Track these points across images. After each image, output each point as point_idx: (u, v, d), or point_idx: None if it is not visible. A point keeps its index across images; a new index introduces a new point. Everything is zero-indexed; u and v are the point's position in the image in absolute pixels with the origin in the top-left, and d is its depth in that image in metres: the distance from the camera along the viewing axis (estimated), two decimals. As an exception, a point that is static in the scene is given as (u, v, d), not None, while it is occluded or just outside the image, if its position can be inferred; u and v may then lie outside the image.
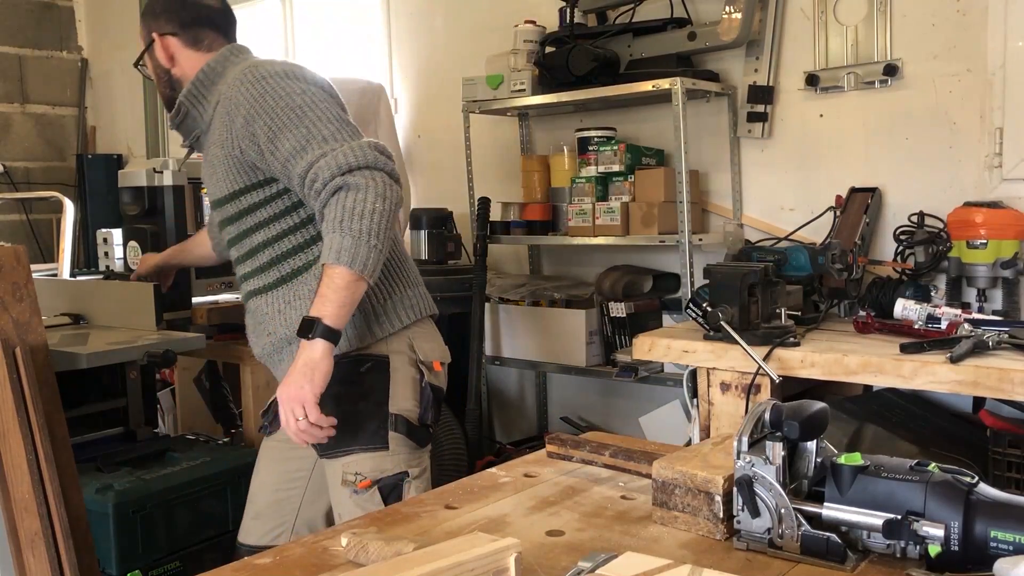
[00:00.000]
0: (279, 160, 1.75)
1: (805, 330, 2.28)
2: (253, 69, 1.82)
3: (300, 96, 1.77)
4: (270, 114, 1.75)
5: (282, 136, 1.74)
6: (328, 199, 1.68)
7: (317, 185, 1.69)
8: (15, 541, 1.83)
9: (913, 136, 2.72)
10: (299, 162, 1.72)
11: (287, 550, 1.09)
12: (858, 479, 0.95)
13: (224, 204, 1.91)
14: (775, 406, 1.00)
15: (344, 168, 1.68)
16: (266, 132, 1.75)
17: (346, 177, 1.67)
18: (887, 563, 0.95)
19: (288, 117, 1.75)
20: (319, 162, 1.69)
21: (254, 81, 1.79)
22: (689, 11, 3.04)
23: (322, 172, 1.68)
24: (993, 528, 0.88)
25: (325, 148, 1.71)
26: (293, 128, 1.74)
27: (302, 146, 1.73)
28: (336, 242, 1.64)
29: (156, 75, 2.00)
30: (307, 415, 1.67)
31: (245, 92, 1.79)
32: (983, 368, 1.85)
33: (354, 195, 1.66)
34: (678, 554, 1.00)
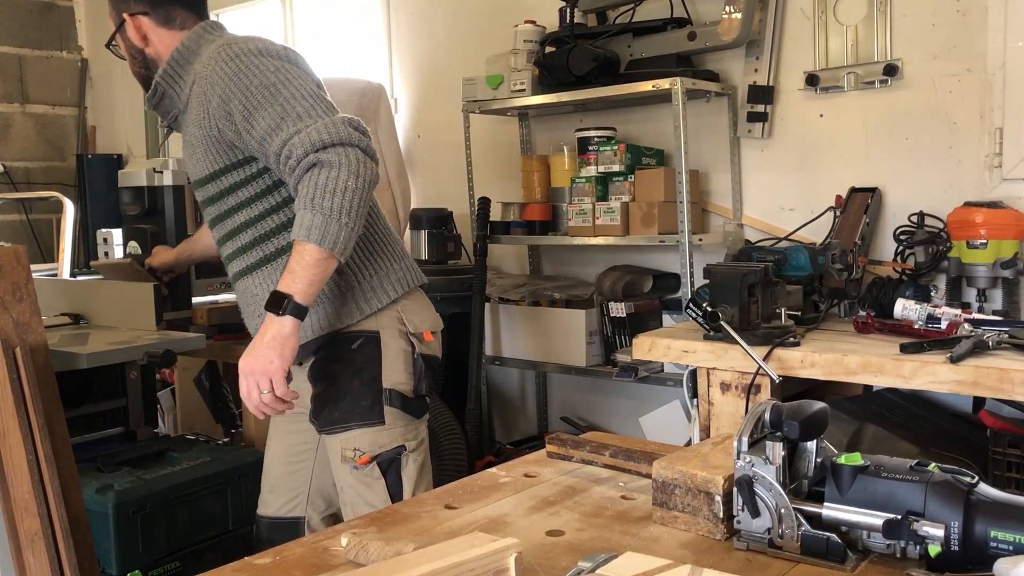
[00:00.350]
0: (255, 138, 1.75)
1: (805, 330, 2.28)
2: (227, 47, 1.81)
3: (274, 74, 1.76)
4: (245, 92, 1.75)
5: (257, 114, 1.73)
6: (302, 176, 1.68)
7: (291, 162, 1.69)
8: (15, 541, 1.83)
9: (913, 136, 2.72)
10: (274, 140, 1.72)
11: (287, 550, 1.09)
12: (858, 479, 0.95)
13: (205, 184, 1.90)
14: (775, 406, 1.00)
15: (318, 145, 1.67)
16: (241, 111, 1.75)
17: (319, 154, 1.67)
18: (887, 563, 0.95)
19: (263, 95, 1.74)
20: (293, 139, 1.69)
21: (228, 59, 1.78)
22: (689, 11, 3.04)
23: (296, 149, 1.68)
24: (993, 528, 0.88)
25: (299, 125, 1.70)
26: (268, 106, 1.73)
27: (276, 124, 1.72)
28: (307, 219, 1.64)
29: (130, 55, 1.99)
30: (273, 389, 1.69)
31: (220, 71, 1.78)
32: (983, 368, 1.85)
33: (327, 172, 1.66)
34: (678, 554, 1.00)
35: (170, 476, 2.35)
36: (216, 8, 4.88)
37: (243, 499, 2.47)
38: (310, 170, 1.68)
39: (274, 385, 1.69)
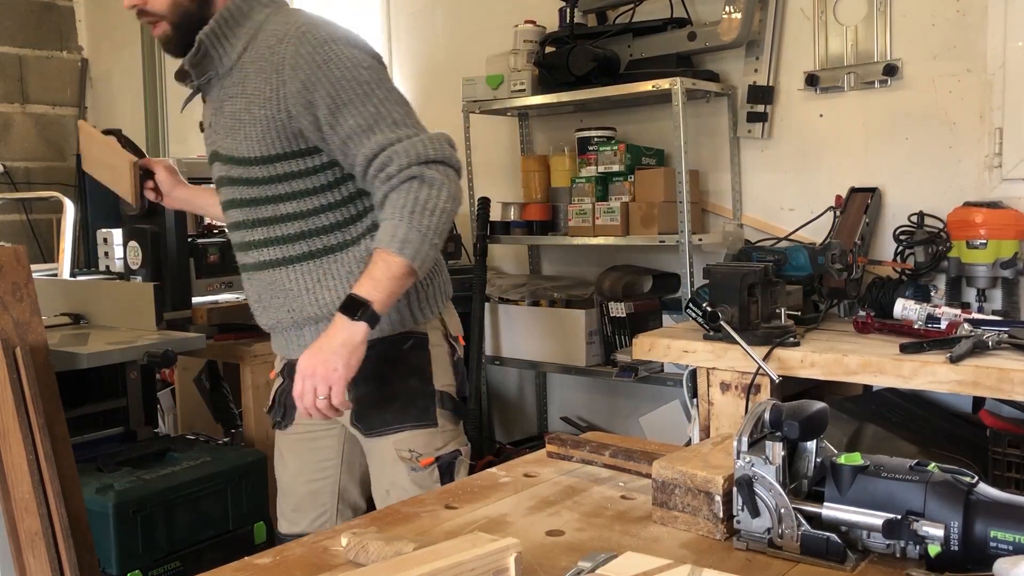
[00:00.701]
0: (338, 135, 1.66)
1: (805, 330, 2.28)
2: (314, 29, 1.68)
3: (367, 71, 1.67)
4: (334, 84, 1.64)
5: (346, 110, 1.64)
6: (399, 185, 1.62)
7: (390, 170, 1.62)
8: (15, 541, 1.83)
9: (913, 136, 2.72)
10: (365, 142, 1.64)
11: (287, 550, 1.09)
12: (858, 479, 0.95)
13: (249, 165, 1.76)
14: (775, 406, 1.00)
15: (423, 158, 1.62)
16: (328, 103, 1.64)
17: (423, 168, 1.62)
18: (887, 563, 0.95)
19: (355, 91, 1.65)
20: (395, 146, 1.62)
21: (318, 44, 1.66)
22: (689, 11, 3.04)
23: (398, 157, 1.62)
24: (993, 528, 0.88)
25: (399, 132, 1.64)
26: (360, 104, 1.65)
27: (369, 125, 1.64)
28: (402, 232, 1.59)
29: (173, 3, 1.74)
30: (331, 396, 1.60)
31: (306, 55, 1.65)
32: (983, 368, 1.85)
33: (428, 189, 1.61)
34: (678, 554, 1.00)
35: (170, 476, 2.35)
36: (216, 8, 4.88)
37: (243, 499, 2.48)
38: (409, 182, 1.62)
39: (332, 394, 1.60)
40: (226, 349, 2.90)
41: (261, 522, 2.54)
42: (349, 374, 1.60)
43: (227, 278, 2.98)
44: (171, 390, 3.59)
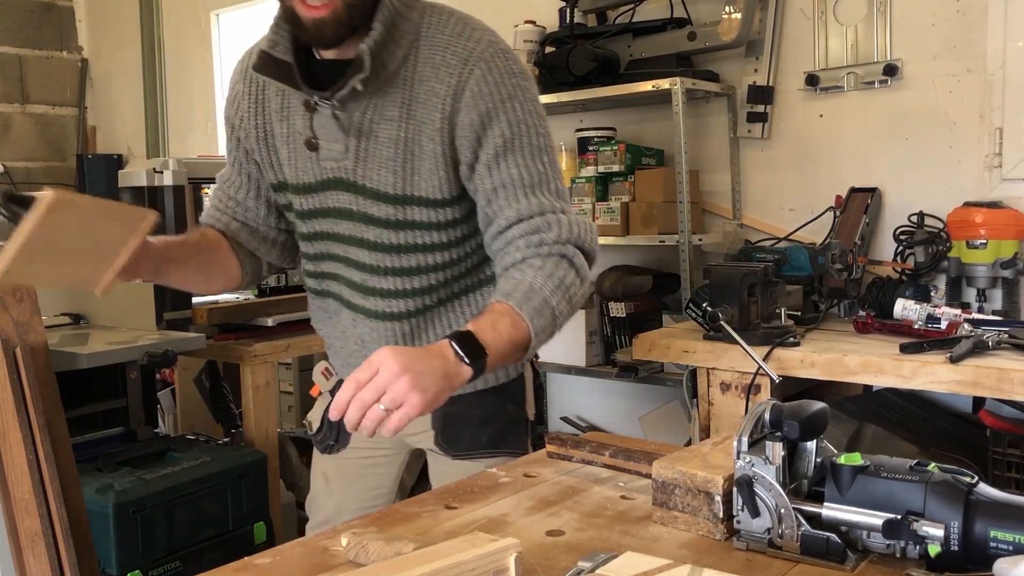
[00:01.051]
0: (492, 181, 1.42)
1: (805, 330, 2.29)
2: (504, 55, 1.44)
3: (542, 121, 1.46)
4: (512, 126, 1.42)
5: (513, 158, 1.42)
6: (548, 256, 1.40)
7: (545, 237, 1.40)
8: (15, 541, 1.83)
9: (913, 136, 2.72)
10: (522, 199, 1.41)
11: (287, 550, 1.09)
12: (858, 479, 0.95)
13: (406, 204, 1.46)
14: (775, 406, 1.00)
15: (576, 241, 1.42)
16: (497, 143, 1.41)
17: (576, 252, 1.42)
18: (887, 563, 0.95)
19: (530, 140, 1.43)
20: (556, 216, 1.42)
21: (507, 74, 1.42)
22: (689, 11, 3.04)
23: (557, 229, 1.40)
24: (993, 528, 0.88)
25: (558, 204, 1.44)
26: (530, 157, 1.43)
27: (533, 183, 1.42)
28: (538, 301, 1.35)
29: None
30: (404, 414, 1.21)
31: (492, 83, 1.41)
32: (983, 368, 1.85)
33: (574, 276, 1.41)
34: (678, 554, 1.00)
35: (170, 476, 2.35)
36: (216, 8, 4.89)
37: (243, 499, 2.48)
38: (559, 258, 1.40)
39: (397, 415, 1.20)
40: (226, 349, 2.90)
41: (261, 522, 2.54)
42: (427, 409, 1.24)
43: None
44: (171, 390, 3.59)
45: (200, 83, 5.00)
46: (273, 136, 1.53)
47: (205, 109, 4.99)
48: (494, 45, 1.44)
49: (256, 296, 3.05)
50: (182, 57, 5.05)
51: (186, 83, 5.07)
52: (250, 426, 2.83)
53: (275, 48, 1.42)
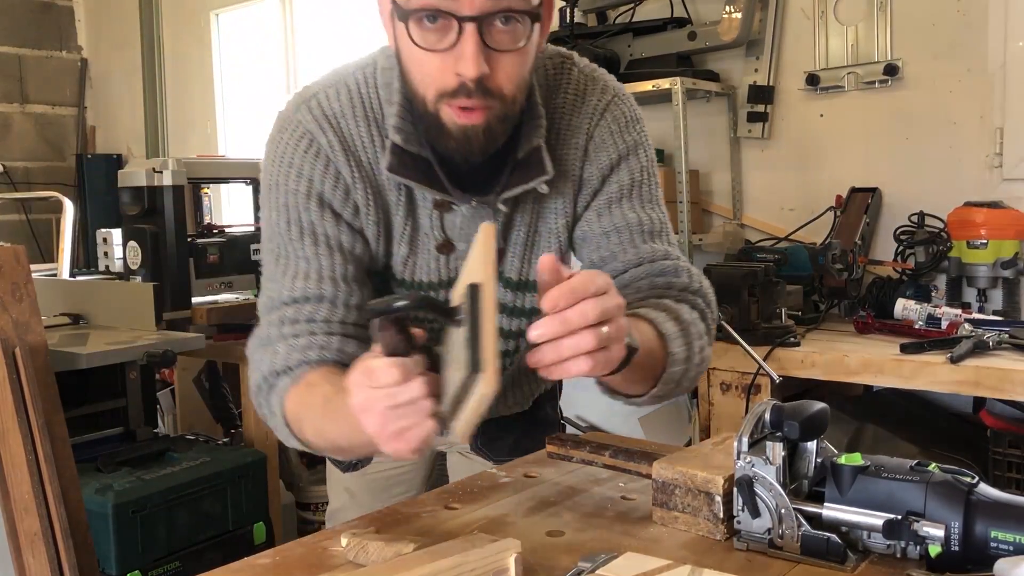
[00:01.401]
0: (601, 225, 1.29)
1: (805, 330, 2.29)
2: (626, 100, 1.36)
3: (654, 166, 1.37)
4: (632, 172, 1.31)
5: (630, 202, 1.30)
6: (678, 304, 1.23)
7: (673, 282, 1.27)
8: (15, 541, 1.83)
9: (913, 136, 2.72)
10: (639, 243, 1.29)
11: (287, 550, 1.08)
12: (858, 479, 0.95)
13: (525, 291, 1.34)
14: (775, 406, 1.00)
15: (706, 296, 1.30)
16: (613, 188, 1.30)
17: (705, 307, 1.29)
18: (887, 563, 0.95)
19: (649, 187, 1.33)
20: (686, 264, 1.30)
21: (632, 120, 1.34)
22: (689, 11, 3.04)
23: (688, 278, 1.28)
24: (993, 528, 0.87)
25: (681, 255, 1.33)
26: (650, 205, 1.32)
27: (653, 230, 1.30)
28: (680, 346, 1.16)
29: (515, 88, 1.12)
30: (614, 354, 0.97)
31: (616, 130, 1.31)
32: (983, 368, 1.85)
33: (704, 331, 1.24)
34: (678, 554, 1.00)
35: (170, 476, 2.35)
36: (215, 8, 4.89)
37: (243, 499, 2.48)
38: (688, 307, 1.24)
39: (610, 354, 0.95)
40: (226, 349, 2.90)
41: (261, 522, 2.54)
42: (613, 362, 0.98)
43: (227, 278, 2.98)
44: (171, 390, 3.59)
45: (200, 83, 5.00)
46: (391, 229, 1.25)
47: (204, 109, 4.99)
48: (617, 90, 1.35)
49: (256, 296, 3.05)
50: (182, 57, 5.05)
51: (186, 83, 5.07)
52: (250, 426, 2.83)
53: (408, 142, 1.17)
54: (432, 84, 1.09)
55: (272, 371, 1.17)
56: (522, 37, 1.08)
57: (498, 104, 1.10)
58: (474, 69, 1.04)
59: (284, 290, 1.19)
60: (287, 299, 1.18)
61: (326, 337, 1.16)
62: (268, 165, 1.23)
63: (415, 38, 1.06)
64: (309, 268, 1.19)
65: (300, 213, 1.20)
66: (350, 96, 1.22)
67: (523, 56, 1.10)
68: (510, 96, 1.11)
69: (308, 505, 3.10)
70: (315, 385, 1.12)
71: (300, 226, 1.20)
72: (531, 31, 1.09)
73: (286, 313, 1.18)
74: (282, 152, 1.21)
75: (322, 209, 1.20)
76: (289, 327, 1.17)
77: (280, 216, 1.21)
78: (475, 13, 1.03)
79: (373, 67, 1.23)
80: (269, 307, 1.21)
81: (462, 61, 1.04)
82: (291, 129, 1.21)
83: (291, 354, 1.16)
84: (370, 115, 1.21)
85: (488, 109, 1.09)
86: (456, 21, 1.03)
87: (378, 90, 1.22)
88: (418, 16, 1.05)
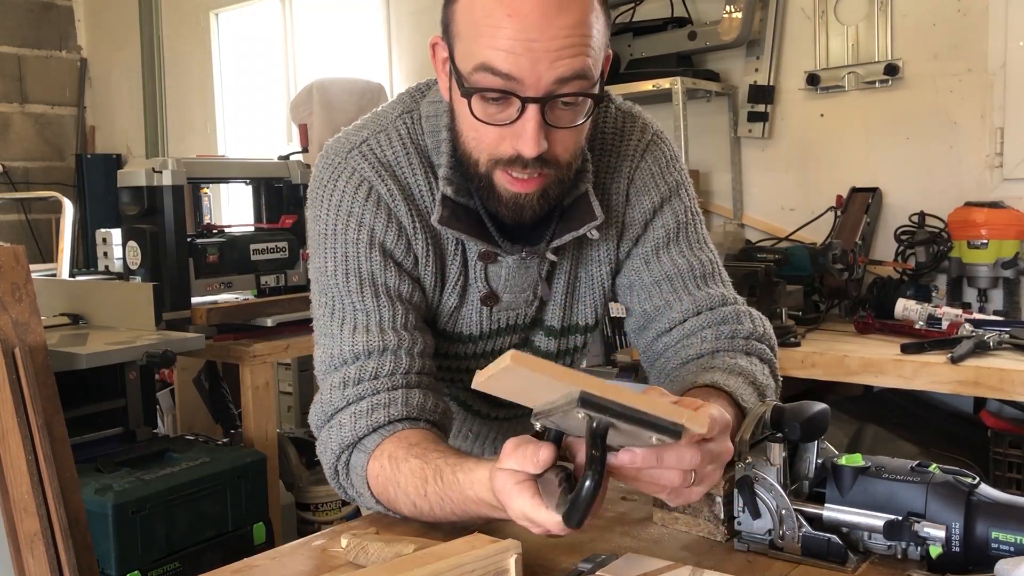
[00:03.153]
0: (651, 273, 1.26)
1: (806, 330, 2.28)
2: (664, 139, 1.34)
3: (697, 203, 1.33)
4: (677, 214, 1.27)
5: (678, 247, 1.26)
6: (743, 356, 1.20)
7: (737, 329, 1.23)
8: (14, 541, 1.83)
9: (914, 136, 2.72)
10: (693, 289, 1.25)
11: (286, 551, 1.08)
12: (859, 480, 0.95)
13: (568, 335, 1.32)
14: (776, 407, 1.00)
15: (769, 341, 1.25)
16: (660, 233, 1.26)
17: (771, 355, 1.24)
18: (888, 564, 0.95)
19: (695, 227, 1.29)
20: (743, 308, 1.26)
21: (671, 159, 1.30)
22: (689, 11, 3.04)
23: (750, 323, 1.24)
24: (994, 529, 0.87)
25: (736, 296, 1.28)
26: (698, 246, 1.28)
27: (703, 274, 1.26)
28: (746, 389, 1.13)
29: (575, 149, 1.11)
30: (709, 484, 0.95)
31: (657, 172, 1.28)
32: (984, 368, 1.85)
33: (774, 386, 1.21)
34: (679, 555, 1.00)
35: (169, 476, 2.34)
36: (215, 8, 4.89)
37: (242, 499, 2.47)
38: (755, 359, 1.21)
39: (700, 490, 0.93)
40: (225, 349, 2.90)
41: (260, 523, 2.54)
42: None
43: (226, 278, 2.97)
44: (170, 390, 3.58)
45: (199, 83, 5.00)
46: (445, 279, 1.22)
47: (204, 109, 4.99)
48: (656, 129, 1.33)
49: (255, 296, 3.05)
50: (181, 57, 5.05)
51: (185, 83, 5.07)
52: (249, 426, 2.83)
53: (458, 193, 1.14)
54: (486, 151, 1.07)
55: (341, 447, 1.12)
56: (582, 115, 1.07)
57: (553, 172, 1.08)
58: (534, 149, 1.03)
59: (344, 346, 1.14)
60: (348, 356, 1.14)
61: (389, 394, 1.12)
62: (322, 213, 1.18)
63: (475, 111, 1.04)
64: (369, 321, 1.15)
65: (361, 263, 1.16)
66: (402, 143, 1.18)
67: (582, 129, 1.10)
68: (565, 164, 1.09)
69: (308, 505, 3.10)
70: (399, 460, 1.07)
71: (359, 277, 1.15)
72: (590, 108, 1.08)
73: (348, 373, 1.13)
74: (339, 200, 1.16)
75: (385, 259, 1.16)
76: (352, 389, 1.12)
77: (337, 267, 1.16)
78: (540, 95, 1.01)
79: (417, 114, 1.21)
80: (328, 366, 1.16)
81: (522, 140, 1.03)
82: (346, 176, 1.16)
83: (357, 423, 1.11)
84: (424, 162, 1.18)
85: (543, 178, 1.08)
86: (519, 100, 1.01)
87: (425, 136, 1.19)
88: (482, 95, 1.03)
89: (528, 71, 1.00)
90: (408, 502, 1.06)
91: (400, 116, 1.21)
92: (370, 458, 1.09)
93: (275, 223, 3.15)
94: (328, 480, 1.17)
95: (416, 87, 1.25)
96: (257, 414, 2.81)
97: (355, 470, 1.11)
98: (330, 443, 1.13)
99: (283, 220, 3.14)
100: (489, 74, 1.01)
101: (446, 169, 1.14)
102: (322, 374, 1.17)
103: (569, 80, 1.02)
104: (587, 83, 1.05)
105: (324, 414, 1.15)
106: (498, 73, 1.00)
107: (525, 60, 0.99)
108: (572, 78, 1.02)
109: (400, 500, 1.07)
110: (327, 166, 1.19)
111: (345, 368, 1.14)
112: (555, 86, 1.02)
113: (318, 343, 1.20)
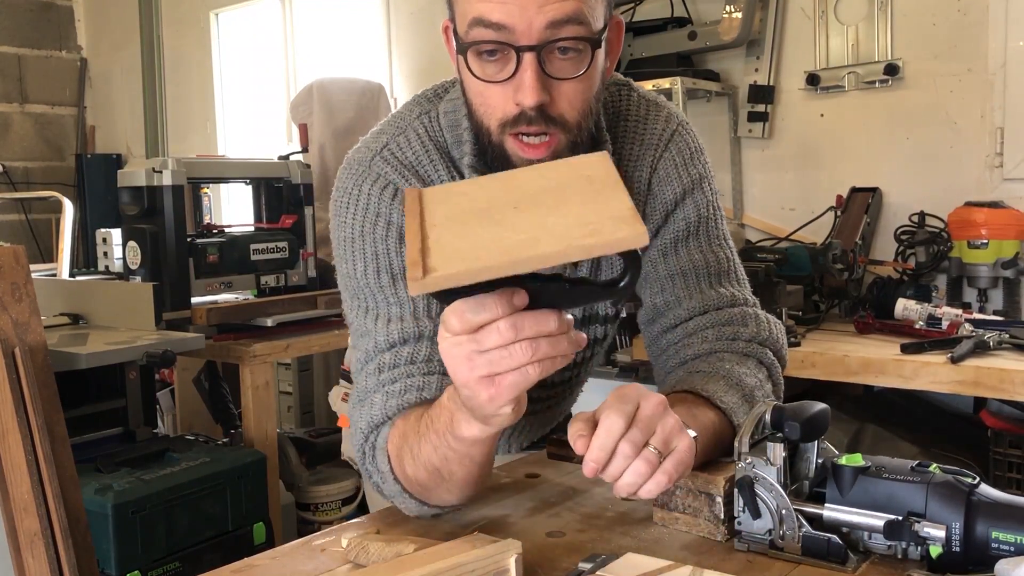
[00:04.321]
0: (667, 267, 1.26)
1: (805, 330, 2.28)
2: (689, 129, 1.34)
3: (719, 198, 1.33)
4: (698, 207, 1.27)
5: (696, 241, 1.26)
6: (740, 357, 1.20)
7: (740, 331, 1.22)
8: (14, 541, 1.83)
9: (914, 136, 2.72)
10: (705, 288, 1.24)
11: (286, 551, 1.08)
12: (859, 480, 0.95)
13: (587, 325, 1.33)
14: (776, 407, 1.00)
15: (774, 345, 1.24)
16: (680, 226, 1.26)
17: (773, 359, 1.23)
18: (888, 564, 0.95)
19: (716, 223, 1.28)
20: (753, 310, 1.25)
21: (695, 152, 1.31)
22: (689, 10, 3.04)
23: (755, 326, 1.23)
24: (994, 529, 0.87)
25: (749, 297, 1.28)
26: (716, 243, 1.27)
27: (719, 271, 1.25)
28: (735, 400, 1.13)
29: (581, 105, 1.09)
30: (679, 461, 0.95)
31: (681, 163, 1.28)
32: (984, 368, 1.85)
33: (770, 388, 1.21)
34: (679, 555, 1.00)
35: (170, 476, 2.34)
36: (215, 8, 4.89)
37: (242, 499, 2.47)
38: (754, 361, 1.21)
39: (671, 465, 0.93)
40: (225, 349, 2.90)
41: (260, 523, 2.54)
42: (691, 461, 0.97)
43: (226, 278, 2.97)
44: (170, 390, 3.58)
45: (199, 83, 5.00)
46: None
47: (204, 109, 4.99)
48: (680, 119, 1.33)
49: (255, 296, 3.05)
50: (181, 57, 5.05)
51: (185, 83, 5.07)
52: (249, 426, 2.83)
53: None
54: (494, 114, 1.08)
55: (370, 425, 1.11)
56: (583, 64, 1.05)
57: (561, 132, 1.07)
58: (533, 97, 1.02)
59: (379, 337, 1.14)
60: (383, 345, 1.13)
61: (424, 378, 1.10)
62: (348, 219, 1.19)
63: (475, 70, 1.06)
64: (403, 311, 1.14)
65: (392, 260, 1.16)
66: (421, 142, 1.20)
67: (586, 83, 1.07)
68: (574, 123, 1.08)
69: (308, 505, 3.10)
70: (411, 421, 1.06)
71: (391, 273, 1.16)
72: (592, 57, 1.06)
73: (384, 360, 1.12)
74: (365, 204, 1.17)
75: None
76: (387, 373, 1.11)
77: (368, 267, 1.17)
78: (533, 43, 1.01)
79: (434, 112, 1.22)
80: (364, 361, 1.15)
81: (521, 90, 1.03)
82: (371, 180, 1.18)
83: (388, 402, 1.10)
84: (445, 158, 1.20)
85: (552, 139, 1.07)
86: (515, 52, 1.02)
87: (444, 133, 1.21)
88: (477, 49, 1.04)
89: (518, 17, 1.00)
90: (410, 451, 1.05)
91: (418, 117, 1.22)
92: (391, 430, 1.09)
93: (275, 223, 3.15)
94: (357, 464, 1.16)
95: (432, 89, 1.26)
96: (257, 414, 2.81)
97: (379, 448, 1.10)
98: (360, 422, 1.12)
99: (283, 220, 3.14)
100: (481, 27, 1.02)
101: (471, 157, 1.16)
102: (357, 370, 1.16)
103: (562, 24, 1.01)
104: (583, 28, 1.03)
105: (358, 397, 1.14)
106: (490, 25, 1.01)
107: (514, 7, 1.00)
108: (565, 22, 1.01)
109: (405, 455, 1.06)
110: (351, 175, 1.20)
111: (380, 356, 1.13)
112: (548, 32, 1.01)
113: (354, 345, 1.20)
